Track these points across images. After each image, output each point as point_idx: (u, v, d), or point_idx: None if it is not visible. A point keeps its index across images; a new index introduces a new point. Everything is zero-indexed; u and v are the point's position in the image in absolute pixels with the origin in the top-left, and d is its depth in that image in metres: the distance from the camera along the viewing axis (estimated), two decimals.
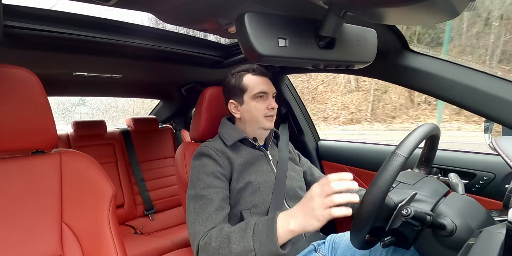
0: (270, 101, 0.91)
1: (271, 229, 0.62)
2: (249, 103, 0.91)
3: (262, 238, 0.62)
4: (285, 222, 0.62)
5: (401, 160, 0.55)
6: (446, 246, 0.56)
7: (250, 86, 0.90)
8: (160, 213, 1.81)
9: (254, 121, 0.92)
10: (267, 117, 0.91)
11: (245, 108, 0.92)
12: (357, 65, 0.60)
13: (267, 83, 0.92)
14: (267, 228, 0.63)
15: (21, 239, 0.62)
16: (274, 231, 0.62)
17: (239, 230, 0.67)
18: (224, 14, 0.68)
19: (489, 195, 0.87)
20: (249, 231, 0.64)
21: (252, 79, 0.91)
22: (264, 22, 0.46)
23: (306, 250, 0.84)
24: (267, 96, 0.91)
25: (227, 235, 0.66)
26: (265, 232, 0.63)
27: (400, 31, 0.80)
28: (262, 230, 0.64)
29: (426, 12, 0.41)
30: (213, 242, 0.67)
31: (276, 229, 0.62)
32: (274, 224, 0.63)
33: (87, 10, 0.94)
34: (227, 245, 0.65)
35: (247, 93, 0.91)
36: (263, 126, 0.91)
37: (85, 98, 3.69)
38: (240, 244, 0.63)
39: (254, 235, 0.63)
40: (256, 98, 0.90)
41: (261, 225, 0.65)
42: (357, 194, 0.61)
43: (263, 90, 0.90)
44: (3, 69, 0.64)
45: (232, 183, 0.85)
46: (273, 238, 0.61)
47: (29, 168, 0.67)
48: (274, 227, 0.62)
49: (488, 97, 0.74)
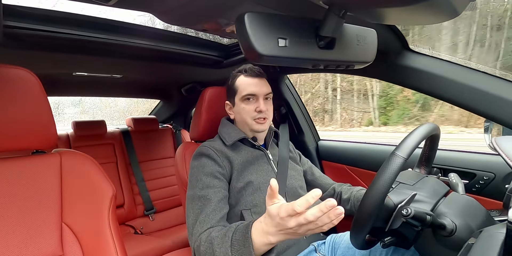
0: (259, 103, 0.89)
1: (246, 240, 0.61)
2: (239, 105, 0.91)
3: (239, 248, 0.62)
4: (262, 237, 0.59)
5: (400, 161, 0.55)
6: (446, 246, 0.56)
7: (240, 88, 0.90)
8: (160, 213, 1.81)
9: (244, 123, 0.92)
10: (256, 119, 0.89)
11: (236, 110, 0.93)
12: (357, 65, 0.60)
13: (259, 84, 0.90)
14: (242, 239, 0.62)
15: (21, 239, 0.62)
16: (249, 241, 0.60)
17: (220, 236, 0.66)
18: (224, 14, 0.68)
19: (489, 195, 0.87)
20: (227, 239, 0.64)
21: (243, 81, 0.90)
22: (264, 22, 0.46)
23: (307, 251, 0.84)
24: (257, 98, 0.89)
25: (211, 241, 0.67)
26: (241, 243, 0.62)
27: (400, 31, 0.80)
28: (238, 239, 0.63)
29: (426, 12, 0.41)
30: (202, 247, 0.68)
31: (251, 239, 0.60)
32: (249, 235, 0.61)
33: (87, 10, 0.94)
34: (212, 250, 0.66)
35: (237, 95, 0.91)
36: (252, 129, 0.91)
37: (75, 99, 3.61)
38: (221, 250, 0.64)
39: (232, 244, 0.63)
40: (244, 100, 0.90)
41: (237, 233, 0.64)
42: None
43: (251, 92, 0.88)
44: (3, 69, 0.63)
45: (232, 182, 0.85)
46: (249, 249, 0.60)
47: (29, 168, 0.67)
48: (249, 239, 0.61)
49: (488, 97, 0.74)
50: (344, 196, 0.99)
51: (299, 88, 12.16)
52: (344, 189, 1.02)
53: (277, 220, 0.54)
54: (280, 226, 0.55)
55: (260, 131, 0.92)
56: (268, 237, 0.58)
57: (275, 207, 0.55)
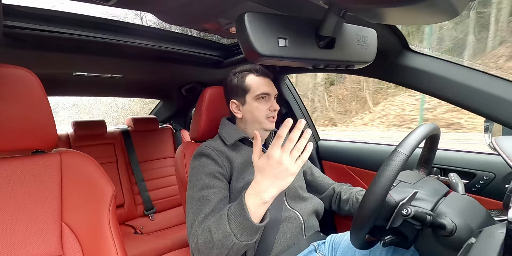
0: (272, 102, 0.91)
1: (241, 207, 0.64)
2: (252, 103, 0.90)
3: (236, 218, 0.64)
4: (256, 198, 0.64)
5: (402, 158, 0.55)
6: (446, 246, 0.56)
7: (253, 87, 0.90)
8: (160, 213, 1.81)
9: (255, 121, 0.91)
10: (268, 118, 0.91)
11: (247, 109, 0.92)
12: (357, 65, 0.60)
13: (269, 84, 0.92)
14: (238, 209, 0.65)
15: (21, 239, 0.62)
16: (245, 208, 0.63)
17: (216, 219, 0.68)
18: (224, 14, 0.68)
19: (489, 195, 0.87)
20: (223, 217, 0.66)
21: (255, 80, 0.91)
22: (264, 22, 0.46)
23: (306, 250, 0.84)
24: (269, 97, 0.91)
25: (208, 228, 0.68)
26: (237, 212, 0.65)
27: (400, 31, 0.80)
28: (234, 211, 0.66)
29: (426, 12, 0.41)
30: (200, 240, 0.69)
31: (245, 206, 0.64)
32: (242, 202, 0.64)
33: (87, 10, 0.94)
34: (210, 237, 0.67)
35: (249, 94, 0.90)
36: (264, 127, 0.91)
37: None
38: (219, 231, 0.65)
39: (229, 219, 0.65)
40: (258, 99, 0.90)
41: (232, 208, 0.67)
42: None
43: (266, 91, 0.89)
44: (3, 69, 0.64)
45: (232, 182, 0.85)
46: (245, 214, 0.63)
47: (29, 168, 0.67)
48: (243, 205, 0.64)
49: (488, 97, 0.74)
50: (343, 196, 0.99)
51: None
52: (344, 190, 1.02)
53: (265, 166, 0.63)
54: (271, 171, 0.63)
55: (271, 129, 0.93)
56: (261, 195, 0.63)
57: (262, 158, 0.65)
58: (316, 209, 0.95)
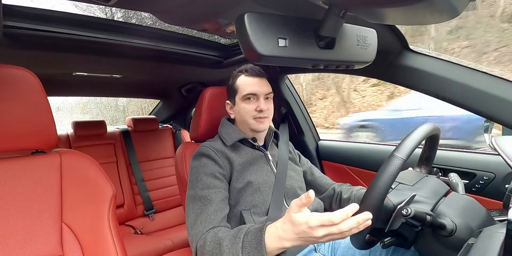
0: (260, 103, 0.89)
1: (259, 242, 0.60)
2: (239, 104, 0.91)
3: (251, 250, 0.61)
4: (277, 242, 0.59)
5: (399, 163, 0.55)
6: (446, 246, 0.56)
7: (240, 88, 0.90)
8: (160, 213, 1.81)
9: (244, 122, 0.92)
10: (256, 119, 0.90)
11: (236, 110, 0.93)
12: (357, 65, 0.60)
13: (259, 84, 0.90)
14: (255, 242, 0.61)
15: (21, 239, 0.62)
16: (263, 245, 0.60)
17: (230, 237, 0.66)
18: (224, 14, 0.68)
19: (489, 195, 0.87)
20: (238, 241, 0.63)
21: (244, 80, 0.91)
22: (264, 22, 0.46)
23: (306, 250, 0.84)
24: (257, 98, 0.90)
25: (219, 241, 0.66)
26: (253, 245, 0.61)
27: (400, 31, 0.80)
28: (250, 241, 0.62)
29: (426, 12, 0.41)
30: (207, 246, 0.67)
31: (264, 244, 0.60)
32: (262, 239, 0.60)
33: (87, 10, 0.94)
34: (219, 251, 0.65)
35: (238, 94, 0.91)
36: (252, 128, 0.91)
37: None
38: (230, 251, 0.63)
39: (244, 246, 0.62)
40: (245, 100, 0.90)
41: (249, 236, 0.63)
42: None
43: (251, 92, 0.89)
44: (3, 69, 0.63)
45: (232, 183, 0.85)
46: (261, 250, 0.59)
47: (29, 168, 0.67)
48: (262, 241, 0.60)
49: (488, 97, 0.74)
50: (344, 196, 0.99)
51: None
52: (344, 189, 1.02)
53: (302, 228, 0.54)
54: (304, 234, 0.55)
55: (260, 130, 0.92)
56: (283, 243, 0.58)
57: (302, 216, 0.55)
58: (316, 209, 0.95)
